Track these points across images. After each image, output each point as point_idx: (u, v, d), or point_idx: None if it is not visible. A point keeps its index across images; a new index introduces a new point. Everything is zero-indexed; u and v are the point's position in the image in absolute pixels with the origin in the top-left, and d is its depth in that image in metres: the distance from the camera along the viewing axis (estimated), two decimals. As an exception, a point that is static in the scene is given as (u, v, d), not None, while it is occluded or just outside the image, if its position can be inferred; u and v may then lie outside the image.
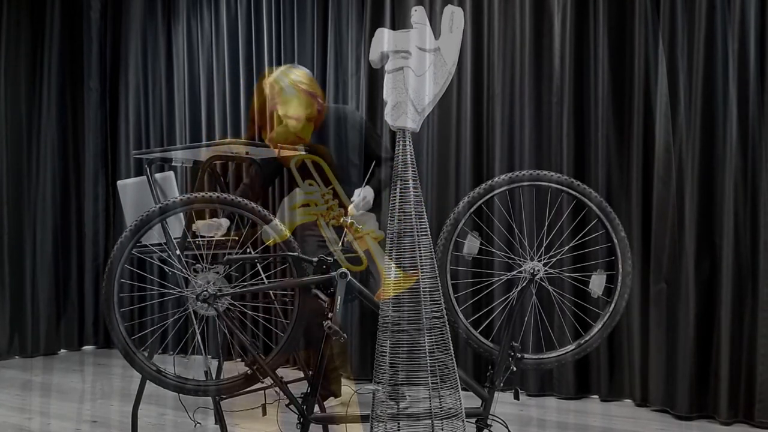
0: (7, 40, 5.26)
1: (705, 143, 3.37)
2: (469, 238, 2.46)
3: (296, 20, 4.79)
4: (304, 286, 2.42)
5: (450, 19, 2.19)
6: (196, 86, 5.32)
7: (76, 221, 5.62)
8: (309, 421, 2.45)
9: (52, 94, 5.48)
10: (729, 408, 3.26)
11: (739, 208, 3.28)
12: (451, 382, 2.12)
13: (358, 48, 4.46)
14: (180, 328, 4.81)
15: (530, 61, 3.90)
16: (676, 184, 3.44)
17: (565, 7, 3.79)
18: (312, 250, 2.84)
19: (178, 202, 2.36)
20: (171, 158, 3.24)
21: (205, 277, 2.37)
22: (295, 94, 3.21)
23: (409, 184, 2.13)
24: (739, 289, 3.27)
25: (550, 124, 3.85)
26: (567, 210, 3.14)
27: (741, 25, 3.26)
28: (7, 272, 5.20)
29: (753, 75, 3.24)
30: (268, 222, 2.42)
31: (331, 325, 2.29)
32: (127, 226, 2.37)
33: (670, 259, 3.45)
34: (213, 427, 3.29)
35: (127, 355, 2.34)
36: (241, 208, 2.41)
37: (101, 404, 3.88)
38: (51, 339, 5.43)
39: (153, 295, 4.84)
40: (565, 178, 2.47)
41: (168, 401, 3.71)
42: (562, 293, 3.17)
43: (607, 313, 2.49)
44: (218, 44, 5.17)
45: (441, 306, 2.14)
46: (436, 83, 2.16)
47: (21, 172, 5.32)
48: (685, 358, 3.37)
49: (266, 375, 2.39)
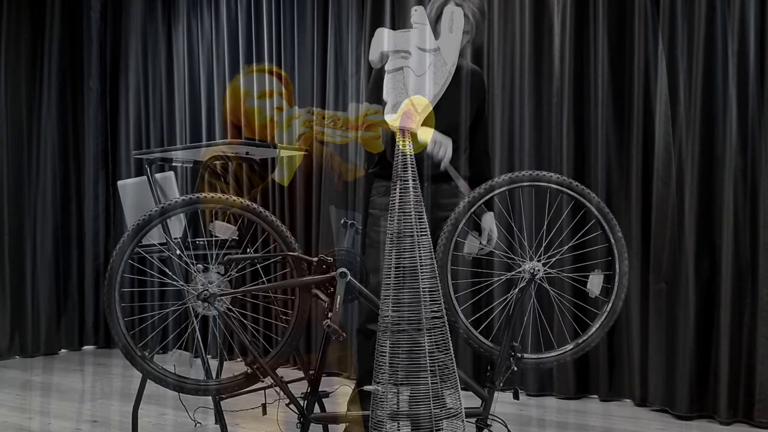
0: (7, 40, 5.26)
1: (705, 143, 3.37)
2: (469, 238, 2.46)
3: (296, 20, 4.79)
4: (304, 285, 2.43)
5: (450, 19, 2.20)
6: (196, 86, 5.32)
7: (76, 221, 5.62)
8: (309, 421, 2.45)
9: (52, 94, 5.48)
10: (728, 408, 3.26)
11: (738, 208, 3.28)
12: (451, 382, 2.12)
13: (358, 48, 4.47)
14: (181, 329, 4.81)
15: (530, 61, 3.90)
16: (675, 184, 3.44)
17: (564, 7, 3.79)
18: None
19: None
20: (171, 158, 3.24)
21: (207, 276, 2.37)
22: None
23: (408, 184, 2.13)
24: (738, 289, 3.28)
25: (550, 124, 3.85)
26: (566, 210, 3.14)
27: (741, 25, 3.26)
28: (8, 272, 5.20)
29: (753, 75, 3.24)
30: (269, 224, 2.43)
31: (330, 324, 2.29)
32: (128, 226, 2.36)
33: (669, 259, 3.45)
34: (213, 426, 3.29)
35: (127, 354, 2.35)
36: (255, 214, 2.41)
37: (101, 404, 3.88)
38: (51, 339, 5.43)
39: (154, 296, 4.85)
40: (564, 178, 2.47)
41: (168, 401, 3.72)
42: (561, 293, 3.17)
43: (605, 312, 2.50)
44: (218, 44, 5.17)
45: (441, 306, 2.14)
46: (436, 83, 2.17)
47: (21, 172, 5.32)
48: (684, 358, 3.37)
49: (266, 374, 2.40)
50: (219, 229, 2.98)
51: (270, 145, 3.38)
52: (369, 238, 2.74)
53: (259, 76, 4.82)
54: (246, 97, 4.85)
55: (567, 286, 3.27)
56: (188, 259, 2.53)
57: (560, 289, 2.80)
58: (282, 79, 4.58)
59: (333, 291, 2.39)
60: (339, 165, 3.85)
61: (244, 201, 2.41)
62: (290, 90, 4.18)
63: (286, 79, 4.65)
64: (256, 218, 2.42)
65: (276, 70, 4.70)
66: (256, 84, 4.88)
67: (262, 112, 4.52)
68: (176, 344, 4.84)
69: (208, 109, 5.22)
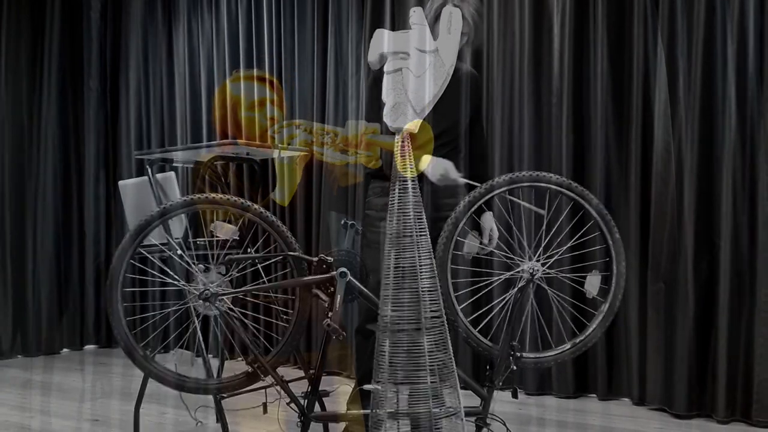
0: (8, 39, 5.27)
1: (704, 143, 3.38)
2: (469, 238, 2.47)
3: (296, 20, 4.80)
4: (304, 285, 2.44)
5: (448, 20, 2.20)
6: (196, 86, 5.33)
7: (77, 221, 5.63)
8: (309, 420, 2.46)
9: (52, 94, 5.49)
10: (726, 407, 3.27)
11: (737, 207, 3.29)
12: (451, 381, 2.13)
13: (358, 48, 4.47)
14: (182, 329, 4.82)
15: (530, 61, 3.91)
16: (675, 184, 3.45)
17: (564, 7, 3.79)
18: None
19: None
20: (172, 159, 3.25)
21: (208, 276, 2.39)
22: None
23: (408, 185, 2.14)
24: (737, 289, 3.29)
25: (550, 124, 3.86)
26: (566, 210, 3.15)
27: (740, 26, 3.27)
28: (9, 272, 5.21)
29: (752, 75, 3.25)
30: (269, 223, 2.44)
31: (330, 323, 2.30)
32: (129, 226, 2.38)
33: (668, 259, 3.46)
34: (214, 425, 3.30)
35: (129, 353, 2.36)
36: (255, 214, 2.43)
37: (102, 403, 3.89)
38: (53, 338, 5.44)
39: (155, 296, 4.86)
40: (563, 179, 2.49)
41: (169, 400, 3.73)
42: (560, 293, 3.18)
43: (602, 313, 2.52)
44: (218, 44, 5.18)
45: (440, 306, 2.15)
46: (435, 84, 2.17)
47: (22, 172, 5.33)
48: (683, 358, 3.38)
49: (267, 373, 2.41)
50: (220, 230, 2.99)
51: (270, 145, 3.39)
52: (365, 238, 2.75)
53: (247, 84, 4.83)
54: (235, 105, 4.85)
55: (566, 286, 3.28)
56: (189, 259, 2.54)
57: (559, 289, 2.81)
58: (273, 86, 4.58)
59: (333, 291, 2.40)
60: (338, 170, 3.86)
61: (245, 201, 2.42)
62: (281, 96, 4.17)
63: (277, 86, 4.66)
64: (257, 219, 2.43)
65: (268, 76, 4.71)
66: (244, 91, 4.88)
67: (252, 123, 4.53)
68: (177, 344, 4.85)
69: (208, 109, 5.23)
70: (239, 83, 4.93)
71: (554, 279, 2.62)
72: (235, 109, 4.86)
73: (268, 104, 4.55)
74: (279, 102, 4.44)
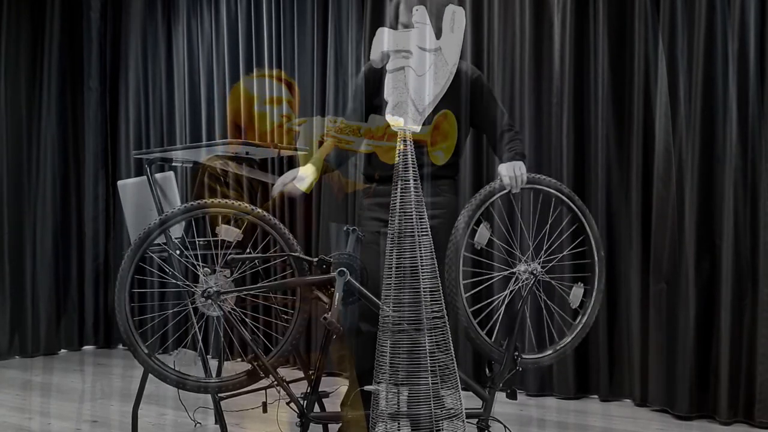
0: (7, 40, 5.26)
1: (705, 143, 3.37)
2: (481, 228, 2.49)
3: (296, 20, 4.79)
4: (305, 285, 2.43)
5: (451, 18, 2.20)
6: (196, 86, 5.32)
7: (76, 221, 5.62)
8: (309, 420, 2.45)
9: (52, 94, 5.48)
10: (729, 408, 3.26)
11: (738, 208, 3.28)
12: (452, 382, 2.12)
13: (358, 48, 4.47)
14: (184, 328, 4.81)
15: (530, 61, 3.90)
16: (675, 184, 3.44)
17: (564, 7, 3.79)
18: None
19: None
20: (171, 158, 3.24)
21: (212, 277, 2.40)
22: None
23: (410, 184, 2.13)
24: (738, 290, 3.28)
25: (550, 124, 3.85)
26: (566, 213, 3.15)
27: (741, 25, 3.26)
28: (8, 272, 5.19)
29: (753, 75, 3.24)
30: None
31: (328, 318, 2.30)
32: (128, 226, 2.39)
33: (669, 260, 3.45)
34: (213, 426, 3.29)
35: (131, 347, 2.38)
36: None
37: (101, 404, 3.88)
38: (51, 339, 5.42)
39: (155, 296, 4.85)
40: (563, 187, 2.63)
41: (168, 401, 3.71)
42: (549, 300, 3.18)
43: (579, 325, 2.64)
44: (218, 44, 5.17)
45: (442, 306, 2.15)
46: (437, 83, 2.16)
47: (21, 171, 5.32)
48: (684, 358, 3.37)
49: (268, 373, 2.40)
50: (225, 232, 3.00)
51: (270, 145, 3.39)
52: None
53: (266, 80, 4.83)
54: (249, 100, 4.85)
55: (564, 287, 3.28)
56: (193, 260, 2.56)
57: (553, 291, 2.84)
58: (291, 88, 4.61)
59: (333, 292, 2.41)
60: (338, 178, 3.86)
61: (248, 205, 2.45)
62: (298, 99, 4.19)
63: (294, 87, 4.67)
64: (259, 221, 2.45)
65: (286, 78, 4.73)
66: (256, 89, 4.88)
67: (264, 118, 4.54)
68: (177, 344, 4.84)
69: (208, 109, 5.22)
70: (255, 80, 4.92)
71: (555, 279, 2.65)
72: (250, 103, 4.87)
73: (285, 103, 4.57)
74: (296, 105, 4.49)
